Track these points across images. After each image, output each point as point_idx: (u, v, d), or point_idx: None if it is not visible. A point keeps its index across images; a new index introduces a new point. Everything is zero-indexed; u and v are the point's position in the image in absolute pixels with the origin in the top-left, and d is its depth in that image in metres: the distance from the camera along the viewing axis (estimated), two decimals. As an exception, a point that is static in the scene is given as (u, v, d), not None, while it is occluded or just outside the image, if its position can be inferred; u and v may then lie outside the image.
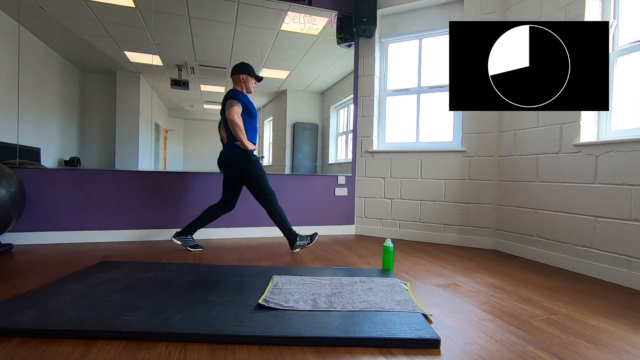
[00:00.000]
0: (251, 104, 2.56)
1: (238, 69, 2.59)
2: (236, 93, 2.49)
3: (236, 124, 2.39)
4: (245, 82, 2.60)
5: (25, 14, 2.69)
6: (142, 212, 2.99)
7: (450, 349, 1.18)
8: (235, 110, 2.40)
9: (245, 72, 2.59)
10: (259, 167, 2.55)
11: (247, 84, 2.62)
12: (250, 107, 2.55)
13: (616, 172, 2.08)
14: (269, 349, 1.16)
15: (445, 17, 3.23)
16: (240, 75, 2.59)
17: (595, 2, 2.30)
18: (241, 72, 2.58)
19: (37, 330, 1.19)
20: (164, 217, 3.04)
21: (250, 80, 2.62)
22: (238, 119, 2.40)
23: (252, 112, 2.56)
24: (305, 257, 2.50)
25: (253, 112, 2.58)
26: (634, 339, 1.30)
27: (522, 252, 2.70)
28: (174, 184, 3.07)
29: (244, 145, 2.44)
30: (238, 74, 2.59)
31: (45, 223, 2.76)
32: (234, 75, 2.60)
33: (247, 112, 2.52)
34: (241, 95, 2.50)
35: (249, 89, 2.64)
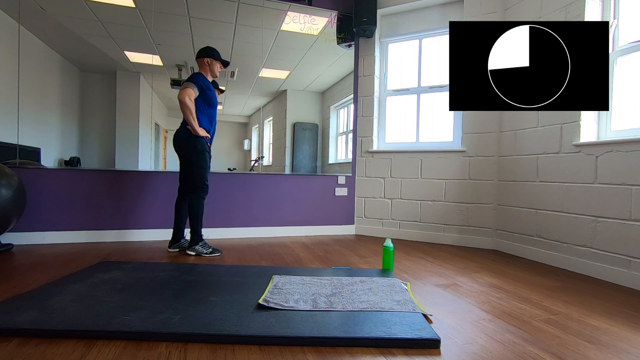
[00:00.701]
0: (212, 91, 2.47)
1: (202, 52, 2.50)
2: (196, 76, 2.40)
3: (186, 106, 2.28)
4: (210, 65, 2.50)
5: (25, 14, 2.69)
6: (142, 212, 2.99)
7: (450, 349, 1.18)
8: (188, 92, 2.29)
9: (209, 56, 2.49)
10: (203, 158, 2.44)
11: (212, 68, 2.51)
12: (210, 95, 2.44)
13: (616, 172, 2.08)
14: (269, 349, 1.16)
15: (445, 17, 3.23)
16: (205, 58, 2.49)
17: (595, 2, 2.30)
18: (205, 55, 2.49)
19: (37, 330, 1.19)
20: (164, 217, 3.04)
21: (215, 64, 2.52)
22: (189, 102, 2.29)
23: (211, 100, 2.46)
24: (305, 257, 2.50)
25: (212, 100, 2.47)
26: (634, 339, 1.30)
27: (522, 252, 2.70)
28: (174, 184, 3.07)
29: (194, 130, 2.34)
30: (202, 57, 2.49)
31: (45, 223, 2.76)
32: (198, 58, 2.50)
33: (206, 99, 2.42)
34: (201, 79, 2.40)
35: (214, 73, 2.54)
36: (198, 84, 2.37)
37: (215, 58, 2.51)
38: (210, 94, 2.45)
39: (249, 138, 3.43)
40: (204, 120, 2.45)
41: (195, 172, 2.44)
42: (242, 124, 3.41)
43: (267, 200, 3.34)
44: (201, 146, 2.42)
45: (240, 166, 3.36)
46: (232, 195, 3.24)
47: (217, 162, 3.27)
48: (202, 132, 2.39)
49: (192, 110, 2.32)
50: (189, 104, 2.29)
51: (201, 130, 2.39)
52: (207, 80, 2.48)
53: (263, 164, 3.45)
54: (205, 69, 2.52)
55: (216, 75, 2.57)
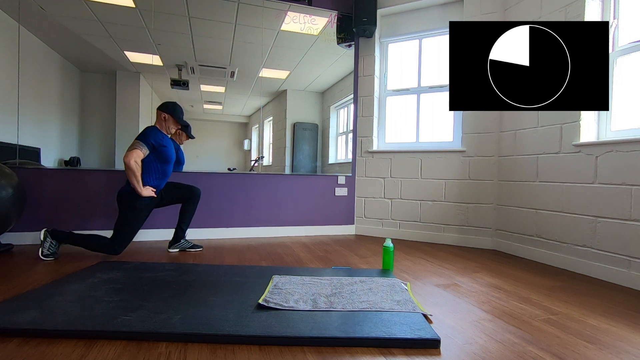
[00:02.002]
0: (166, 147, 2.34)
1: (163, 106, 2.39)
2: (149, 133, 2.28)
3: (130, 169, 2.18)
4: (166, 121, 2.39)
5: (25, 14, 2.69)
6: (142, 212, 2.99)
7: (450, 349, 1.18)
8: (134, 154, 2.18)
9: (168, 112, 2.37)
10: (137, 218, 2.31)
11: (168, 124, 2.41)
12: (164, 151, 2.32)
13: (616, 172, 2.08)
14: (269, 349, 1.16)
15: (445, 17, 3.23)
16: (163, 113, 2.37)
17: (595, 2, 2.30)
18: (164, 110, 2.37)
19: (37, 330, 1.19)
20: (163, 217, 3.04)
21: (171, 123, 2.41)
22: (134, 165, 2.18)
23: (164, 155, 2.33)
24: (305, 257, 2.50)
25: (166, 155, 2.34)
26: (634, 339, 1.30)
27: (522, 252, 2.70)
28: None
29: (138, 192, 2.24)
30: (161, 110, 2.38)
31: (45, 223, 2.75)
32: (157, 109, 2.39)
33: (159, 156, 2.31)
34: (153, 136, 2.28)
35: (169, 130, 2.43)
36: (148, 143, 2.25)
37: (173, 116, 2.39)
38: (165, 150, 2.33)
39: (249, 138, 3.43)
40: (152, 178, 2.34)
41: (121, 226, 2.29)
42: (242, 124, 3.41)
43: (267, 200, 3.34)
44: (140, 204, 2.30)
45: (240, 166, 3.36)
46: (232, 195, 3.24)
47: (217, 162, 3.27)
48: (146, 192, 2.28)
49: (137, 174, 2.21)
50: (133, 167, 2.18)
51: (145, 190, 2.28)
52: (161, 136, 2.35)
53: (263, 164, 3.45)
54: (161, 123, 2.40)
55: (170, 133, 2.45)
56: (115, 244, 2.30)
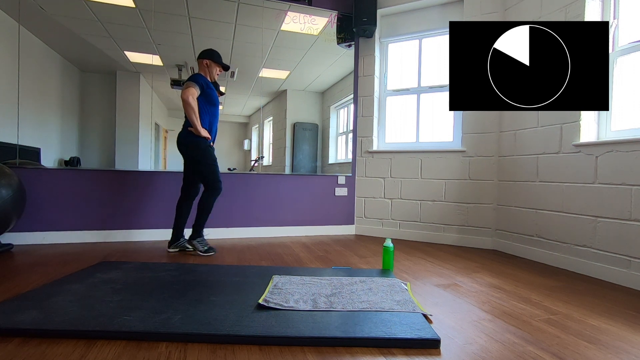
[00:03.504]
0: (212, 89, 2.47)
1: (202, 53, 2.52)
2: (196, 76, 2.41)
3: (190, 105, 2.30)
4: (208, 67, 2.52)
5: (25, 14, 2.69)
6: (142, 212, 2.99)
7: (450, 349, 1.18)
8: (190, 91, 2.30)
9: (209, 57, 2.50)
10: (209, 155, 2.45)
11: (211, 70, 2.53)
12: (210, 92, 2.45)
13: (616, 172, 2.08)
14: (269, 349, 1.16)
15: (445, 17, 3.23)
16: (204, 60, 2.51)
17: (595, 2, 2.30)
18: (205, 57, 2.50)
19: (37, 330, 1.19)
20: (163, 217, 3.04)
21: (214, 67, 2.54)
22: (192, 100, 2.31)
23: (211, 97, 2.46)
24: (305, 257, 2.50)
25: (213, 98, 2.48)
26: (634, 339, 1.30)
27: (522, 252, 2.70)
28: (174, 184, 3.07)
29: (197, 130, 2.36)
30: (201, 58, 2.51)
31: (45, 223, 2.76)
32: (198, 59, 2.53)
33: (206, 97, 2.43)
34: (201, 78, 2.42)
35: (212, 75, 2.55)
36: (199, 83, 2.38)
37: (214, 60, 2.52)
38: (211, 92, 2.46)
39: (249, 138, 3.43)
40: (205, 119, 2.46)
41: (205, 171, 2.45)
42: (242, 124, 3.41)
43: (267, 200, 3.34)
44: (204, 145, 2.43)
45: (240, 166, 3.36)
46: (232, 196, 3.24)
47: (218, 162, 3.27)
48: (204, 132, 2.39)
49: (195, 110, 2.33)
50: (192, 102, 2.31)
51: (203, 131, 2.39)
52: (207, 80, 2.49)
53: (263, 164, 3.45)
54: (204, 70, 2.53)
55: (214, 78, 2.58)
56: (215, 190, 2.48)
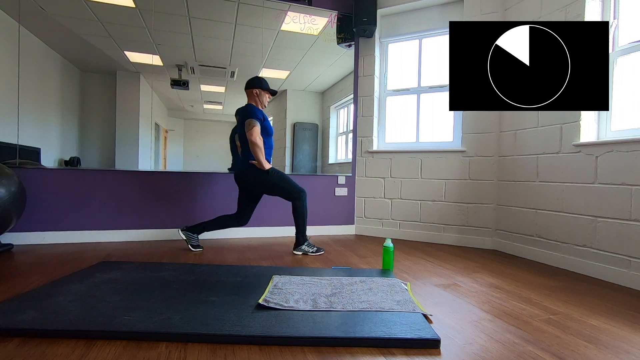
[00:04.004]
0: (268, 121, 2.54)
1: (251, 83, 2.56)
2: (253, 111, 2.44)
3: (257, 146, 2.38)
4: (258, 96, 2.57)
5: (25, 14, 2.69)
6: (142, 212, 2.99)
7: (450, 349, 1.18)
8: (256, 131, 2.38)
9: (258, 86, 2.56)
10: (278, 175, 2.53)
11: (261, 98, 2.59)
12: (267, 125, 2.52)
13: (616, 172, 2.08)
14: (269, 349, 1.16)
15: (445, 17, 3.23)
16: (254, 89, 2.55)
17: (595, 2, 2.30)
18: (254, 86, 2.55)
19: (37, 330, 1.19)
20: (164, 217, 3.04)
21: (264, 95, 2.59)
22: (259, 140, 2.39)
23: (268, 130, 2.54)
24: (305, 257, 2.50)
25: (269, 129, 2.55)
26: (634, 339, 1.30)
27: (522, 252, 2.70)
28: (174, 184, 3.07)
29: (261, 165, 2.44)
30: (251, 88, 2.55)
31: (45, 223, 2.76)
32: (247, 89, 2.57)
33: (264, 130, 2.50)
34: (258, 112, 2.47)
35: (263, 103, 2.61)
36: (259, 118, 2.43)
37: (264, 88, 2.58)
38: (267, 124, 2.53)
39: (249, 138, 3.42)
40: (267, 152, 2.55)
41: (283, 188, 2.53)
42: (242, 124, 3.40)
43: (267, 200, 3.34)
44: (269, 169, 2.51)
45: (240, 166, 3.36)
46: (232, 195, 3.24)
47: (218, 162, 3.27)
48: (267, 165, 2.48)
49: (262, 149, 2.42)
50: (259, 142, 2.39)
51: (266, 164, 2.47)
52: (262, 112, 2.52)
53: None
54: (255, 100, 2.58)
55: (265, 106, 2.63)
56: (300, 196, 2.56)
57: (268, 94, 2.62)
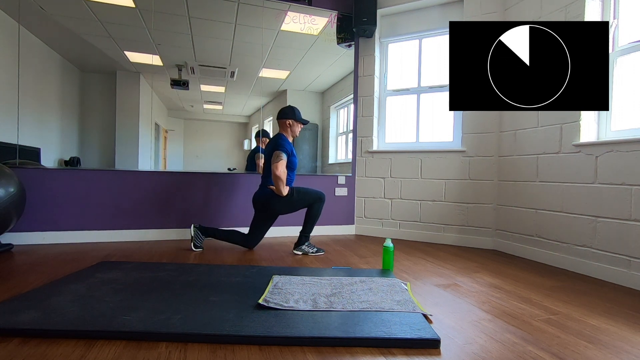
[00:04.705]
0: (295, 156, 2.57)
1: (284, 113, 2.58)
2: (283, 143, 2.47)
3: (280, 180, 2.40)
4: (291, 127, 2.60)
5: (25, 14, 2.69)
6: (142, 212, 2.99)
7: (450, 349, 1.18)
8: (282, 164, 2.40)
9: (291, 117, 2.58)
10: (296, 190, 2.55)
11: (294, 129, 2.61)
12: (294, 160, 2.55)
13: (616, 172, 2.08)
14: (269, 349, 1.16)
15: (445, 17, 3.23)
16: (287, 120, 2.58)
17: (595, 2, 2.30)
18: (287, 117, 2.57)
19: (37, 330, 1.19)
20: (163, 217, 3.04)
21: (297, 126, 2.62)
22: (284, 175, 2.42)
23: (293, 164, 2.57)
24: (305, 257, 2.50)
25: (294, 164, 2.58)
26: (634, 339, 1.30)
27: (522, 252, 2.70)
28: (174, 184, 3.07)
29: (280, 193, 2.46)
30: (284, 118, 2.57)
31: (45, 223, 2.76)
32: (280, 119, 2.60)
33: (289, 165, 2.52)
34: (288, 145, 2.50)
35: (295, 133, 2.64)
36: (287, 152, 2.47)
37: (297, 119, 2.59)
38: (294, 159, 2.56)
39: (249, 138, 3.43)
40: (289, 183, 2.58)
41: (305, 200, 2.56)
42: (242, 124, 3.41)
43: (267, 200, 3.34)
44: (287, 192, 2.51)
45: (240, 166, 3.36)
46: (232, 195, 3.24)
47: (217, 162, 3.27)
48: (285, 191, 2.49)
49: (284, 182, 2.45)
50: (283, 176, 2.42)
51: (285, 190, 2.48)
52: (290, 144, 2.56)
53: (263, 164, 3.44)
54: (287, 130, 2.60)
55: (296, 135, 2.66)
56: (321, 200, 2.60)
57: (300, 125, 2.65)
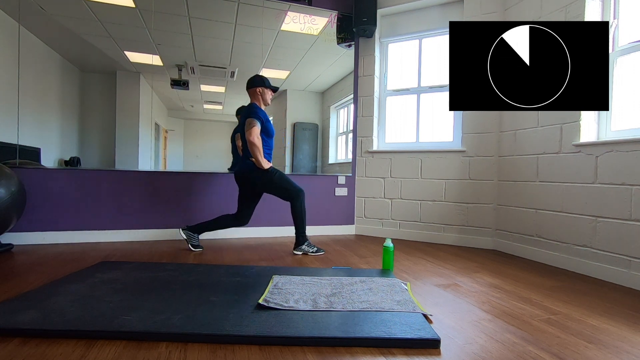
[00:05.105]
0: (269, 122, 2.53)
1: (253, 81, 2.54)
2: (255, 110, 2.44)
3: (255, 146, 2.37)
4: (262, 95, 2.56)
5: (25, 14, 2.69)
6: (142, 212, 2.99)
7: (450, 349, 1.18)
8: (255, 131, 2.37)
9: (261, 85, 2.54)
10: (278, 174, 2.53)
11: (265, 97, 2.57)
12: (268, 126, 2.51)
13: (616, 172, 2.08)
14: (269, 349, 1.16)
15: (445, 17, 3.23)
16: (257, 88, 2.54)
17: (595, 2, 2.30)
18: (257, 84, 2.54)
19: (37, 330, 1.19)
20: (163, 217, 3.04)
21: (267, 92, 2.58)
22: (257, 140, 2.38)
23: (269, 130, 2.53)
24: (305, 257, 2.50)
25: (270, 130, 2.54)
26: (634, 339, 1.30)
27: (522, 252, 2.70)
28: (174, 184, 3.07)
29: (259, 164, 2.43)
30: (254, 87, 2.54)
31: (45, 223, 2.76)
32: (250, 89, 2.56)
33: (265, 131, 2.49)
34: (260, 112, 2.46)
35: (267, 101, 2.60)
36: (260, 118, 2.42)
37: (266, 86, 2.56)
38: (268, 125, 2.51)
39: (249, 138, 3.42)
40: (266, 152, 2.53)
41: (282, 187, 2.52)
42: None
43: (267, 200, 3.34)
44: (269, 168, 2.51)
45: (240, 166, 3.36)
46: (232, 195, 3.24)
47: (218, 162, 3.27)
48: (266, 164, 2.46)
49: (260, 149, 2.40)
50: (257, 143, 2.37)
51: (266, 164, 2.46)
52: (264, 112, 2.51)
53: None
54: (258, 99, 2.56)
55: (268, 103, 2.61)
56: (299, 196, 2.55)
57: (271, 91, 2.61)
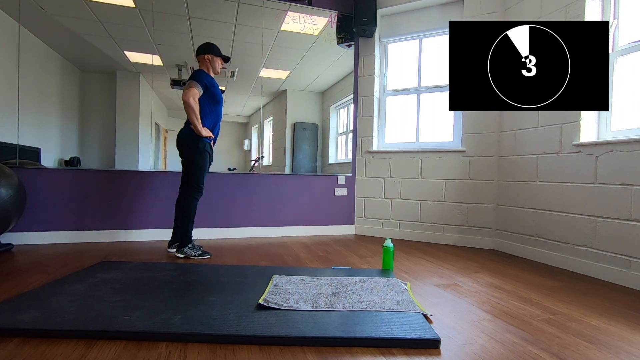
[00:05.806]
0: (217, 87, 2.42)
1: (202, 48, 2.45)
2: (199, 74, 2.34)
3: (190, 107, 2.24)
4: (211, 62, 2.46)
5: (25, 14, 2.69)
6: (142, 212, 2.99)
7: (450, 349, 1.18)
8: (192, 92, 2.25)
9: (209, 52, 2.44)
10: (203, 158, 2.39)
11: (214, 65, 2.47)
12: (215, 92, 2.40)
13: (616, 172, 2.08)
14: (269, 349, 1.16)
15: (445, 17, 3.23)
16: (206, 55, 2.44)
17: (595, 2, 2.30)
18: (205, 52, 2.44)
19: (37, 330, 1.19)
20: (164, 217, 3.04)
21: (217, 60, 2.48)
22: (193, 102, 2.25)
23: (216, 96, 2.41)
24: (305, 257, 2.50)
25: (217, 96, 2.43)
26: (634, 339, 1.30)
27: (522, 252, 2.70)
28: (174, 184, 3.07)
29: (197, 130, 2.29)
30: (202, 54, 2.44)
31: (45, 223, 2.76)
32: (198, 55, 2.46)
33: (211, 96, 2.38)
34: (205, 77, 2.36)
35: (216, 69, 2.49)
36: (202, 82, 2.32)
37: (215, 54, 2.47)
38: (215, 90, 2.40)
39: (249, 138, 3.43)
40: (208, 120, 2.40)
41: (192, 172, 2.40)
42: (242, 124, 3.41)
43: (267, 200, 3.34)
44: (202, 146, 2.37)
45: (240, 166, 3.36)
46: (232, 195, 3.24)
47: (218, 162, 3.27)
48: (205, 132, 2.34)
49: (196, 111, 2.27)
50: (193, 104, 2.24)
51: (204, 131, 2.33)
52: (210, 77, 2.42)
53: (263, 164, 3.45)
54: (206, 65, 2.47)
55: (217, 72, 2.52)
56: (195, 192, 2.43)
57: (220, 60, 2.51)
